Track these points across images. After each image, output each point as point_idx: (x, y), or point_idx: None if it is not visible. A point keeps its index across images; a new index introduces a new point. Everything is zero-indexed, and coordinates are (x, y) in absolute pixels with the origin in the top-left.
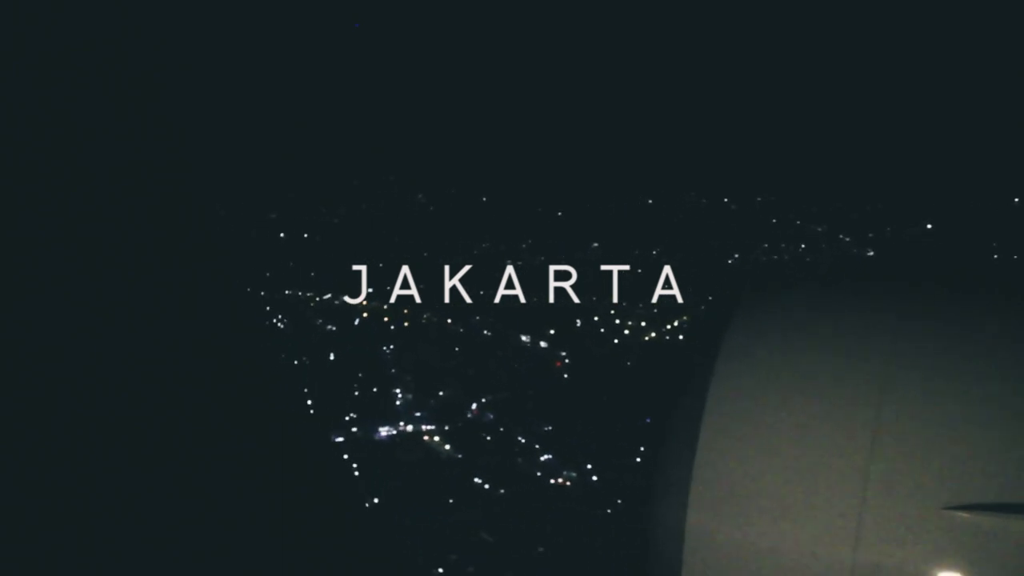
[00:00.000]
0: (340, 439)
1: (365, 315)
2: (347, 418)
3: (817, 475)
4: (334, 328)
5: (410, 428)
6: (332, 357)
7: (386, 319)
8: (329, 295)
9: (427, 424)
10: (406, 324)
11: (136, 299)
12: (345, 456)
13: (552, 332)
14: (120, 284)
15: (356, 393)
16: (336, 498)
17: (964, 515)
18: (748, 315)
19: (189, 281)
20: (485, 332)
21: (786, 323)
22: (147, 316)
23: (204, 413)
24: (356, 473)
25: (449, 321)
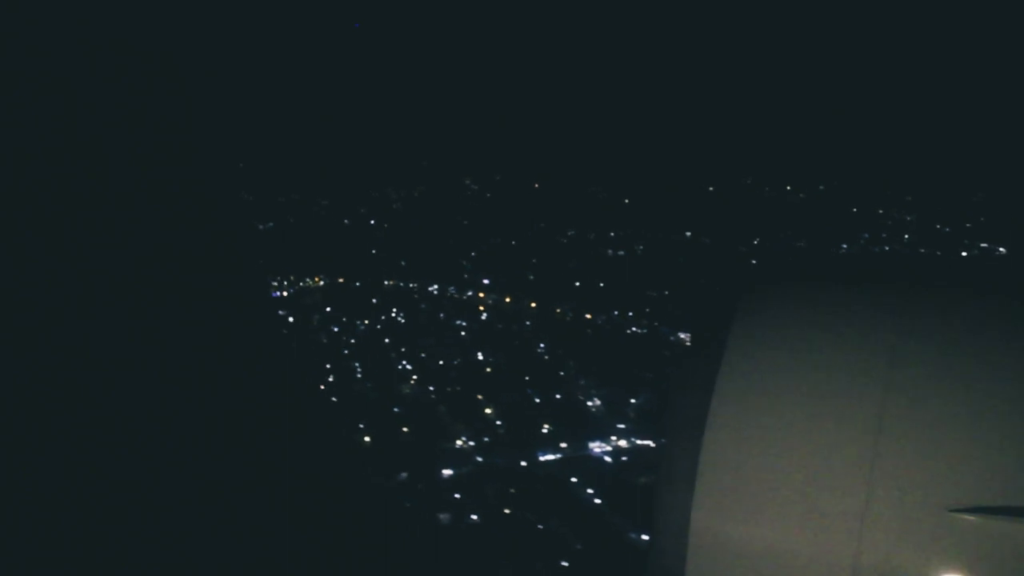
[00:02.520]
0: (550, 457)
1: (482, 308)
2: (544, 431)
3: (821, 476)
4: (464, 323)
5: (624, 443)
6: (480, 356)
7: (509, 311)
8: (435, 286)
9: (639, 439)
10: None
11: (138, 299)
12: (573, 479)
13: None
14: (121, 284)
15: (536, 400)
16: (336, 498)
17: (969, 517)
18: (751, 313)
19: (191, 281)
20: (633, 329)
21: (789, 322)
22: (148, 316)
23: (207, 414)
24: (597, 501)
25: (588, 316)
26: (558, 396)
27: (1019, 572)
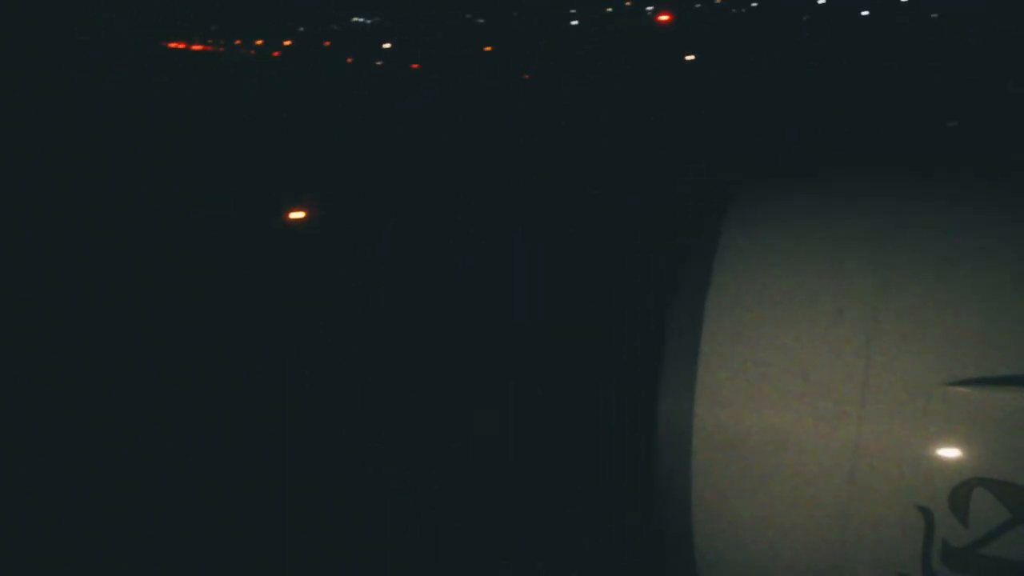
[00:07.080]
0: None
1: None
2: None
3: (820, 359)
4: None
5: None
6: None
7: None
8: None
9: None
10: None
11: (138, 299)
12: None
13: None
14: (121, 284)
15: None
16: (336, 498)
17: (963, 390)
18: (746, 207)
19: (191, 281)
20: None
21: (784, 212)
22: (148, 316)
23: (207, 414)
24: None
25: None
26: None
27: (1014, 439)
